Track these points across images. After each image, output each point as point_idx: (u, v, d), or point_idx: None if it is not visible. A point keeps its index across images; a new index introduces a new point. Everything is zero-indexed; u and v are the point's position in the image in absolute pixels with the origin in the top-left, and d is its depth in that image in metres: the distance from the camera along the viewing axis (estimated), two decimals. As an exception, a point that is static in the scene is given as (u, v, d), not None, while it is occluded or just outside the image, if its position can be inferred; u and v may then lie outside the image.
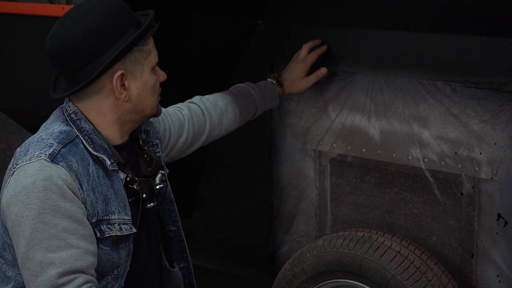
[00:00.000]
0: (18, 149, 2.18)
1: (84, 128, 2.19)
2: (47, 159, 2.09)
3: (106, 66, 2.13)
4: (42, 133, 2.18)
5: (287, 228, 3.19)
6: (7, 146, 5.83)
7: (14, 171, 2.12)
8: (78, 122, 2.19)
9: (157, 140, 2.45)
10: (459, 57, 2.59)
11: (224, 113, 2.72)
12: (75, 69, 2.15)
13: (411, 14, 2.69)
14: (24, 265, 2.08)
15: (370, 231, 2.77)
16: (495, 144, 2.56)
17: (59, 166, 2.09)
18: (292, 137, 3.09)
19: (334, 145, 2.96)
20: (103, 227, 2.17)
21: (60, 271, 2.05)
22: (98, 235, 2.16)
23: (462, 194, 2.67)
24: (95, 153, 2.18)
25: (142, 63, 2.21)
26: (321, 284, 2.78)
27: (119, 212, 2.20)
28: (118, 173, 2.23)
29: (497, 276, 2.63)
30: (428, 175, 2.73)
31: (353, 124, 2.89)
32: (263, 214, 3.25)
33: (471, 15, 2.54)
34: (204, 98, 2.73)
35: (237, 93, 2.78)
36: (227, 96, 2.75)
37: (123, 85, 2.19)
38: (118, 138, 2.27)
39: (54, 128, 2.18)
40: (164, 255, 2.50)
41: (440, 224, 2.74)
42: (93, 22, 2.12)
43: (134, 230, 2.24)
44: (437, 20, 2.64)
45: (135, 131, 2.36)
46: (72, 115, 2.20)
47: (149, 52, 2.22)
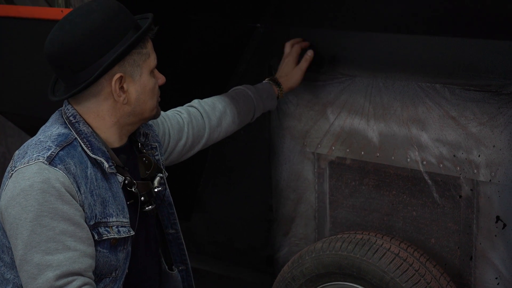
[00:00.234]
0: (17, 152, 2.18)
1: (83, 131, 2.19)
2: (45, 162, 2.09)
3: (105, 69, 2.13)
4: (41, 136, 2.18)
5: (286, 231, 3.19)
6: (6, 149, 5.83)
7: (12, 174, 2.12)
8: (77, 125, 2.20)
9: (156, 143, 2.45)
10: (458, 60, 2.59)
11: (223, 116, 2.73)
12: (74, 72, 2.15)
13: (410, 17, 2.69)
14: (22, 268, 2.08)
15: (369, 234, 2.77)
16: (494, 147, 2.56)
17: (57, 169, 2.09)
18: (291, 140, 3.09)
19: (333, 148, 2.96)
20: (101, 230, 2.17)
21: (58, 274, 2.06)
22: (96, 238, 2.16)
23: (461, 197, 2.67)
24: (93, 156, 2.18)
25: (141, 66, 2.21)
26: (320, 287, 2.78)
27: (117, 215, 2.21)
28: (117, 176, 2.23)
29: (496, 279, 2.63)
30: (427, 178, 2.73)
31: (352, 127, 2.89)
32: (262, 217, 3.25)
33: (470, 18, 2.55)
34: (203, 102, 2.73)
35: (235, 95, 2.79)
36: (225, 99, 2.76)
37: (122, 88, 2.19)
38: (117, 141, 2.27)
39: (53, 131, 2.19)
40: (163, 258, 2.50)
41: (439, 227, 2.74)
42: (92, 25, 2.13)
43: (132, 233, 2.25)
44: (436, 23, 2.64)
45: (134, 134, 2.37)
46: (71, 118, 2.21)
47: (148, 55, 2.23)
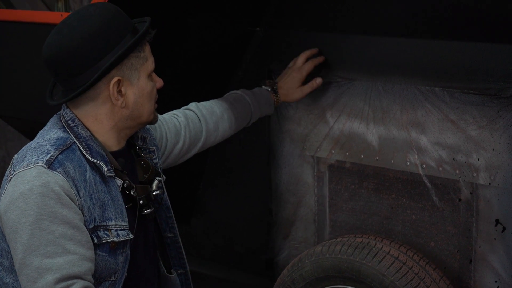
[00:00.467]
0: (16, 156, 2.18)
1: (81, 135, 2.20)
2: (44, 166, 2.09)
3: (103, 72, 2.13)
4: (39, 140, 2.18)
5: (286, 234, 3.19)
6: (6, 153, 5.84)
7: (12, 178, 2.12)
8: (75, 129, 2.20)
9: (154, 147, 2.45)
10: (457, 63, 2.59)
11: (220, 120, 2.73)
12: (72, 76, 2.16)
13: (409, 21, 2.70)
14: (22, 271, 2.08)
15: (369, 237, 2.77)
16: (493, 150, 2.56)
17: (56, 173, 2.09)
18: (291, 144, 3.09)
19: (333, 151, 2.96)
20: (100, 233, 2.17)
21: (58, 277, 2.05)
22: (95, 241, 2.16)
23: (460, 200, 2.67)
24: (92, 160, 2.18)
25: (139, 70, 2.22)
26: (320, 290, 2.79)
27: (116, 218, 2.21)
28: (115, 179, 2.24)
29: (495, 282, 2.63)
30: (426, 181, 2.73)
31: (352, 130, 2.89)
32: (262, 220, 3.25)
33: (469, 21, 2.55)
34: (200, 105, 2.73)
35: (233, 100, 2.79)
36: (223, 103, 2.76)
37: (120, 92, 2.20)
38: (115, 145, 2.27)
39: (51, 135, 2.19)
40: (162, 262, 2.50)
41: (438, 230, 2.74)
42: (90, 29, 2.13)
43: (131, 236, 2.25)
44: (435, 27, 2.64)
45: (132, 138, 2.37)
46: (69, 122, 2.21)
47: (146, 59, 2.23)
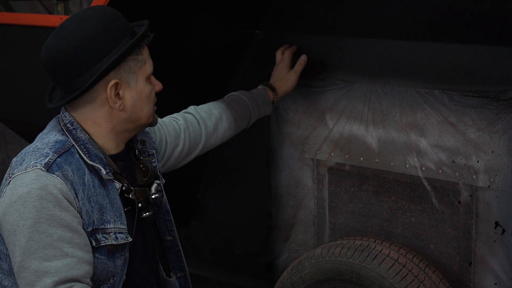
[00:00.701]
0: (14, 159, 2.19)
1: (80, 138, 2.20)
2: (43, 169, 2.09)
3: (100, 75, 2.14)
4: (38, 143, 2.18)
5: (286, 237, 3.19)
6: (6, 156, 5.85)
7: (10, 181, 2.12)
8: (74, 132, 2.20)
9: (153, 150, 2.45)
10: (456, 66, 2.59)
11: (219, 122, 2.73)
12: (70, 79, 2.16)
13: (408, 23, 2.70)
14: (20, 274, 2.08)
15: (368, 240, 2.76)
16: (492, 152, 2.56)
17: (55, 176, 2.10)
18: (290, 146, 3.10)
19: (332, 154, 2.96)
20: (99, 236, 2.17)
21: (56, 280, 2.06)
22: (94, 244, 2.16)
23: (460, 203, 2.67)
24: (91, 163, 2.18)
25: (137, 73, 2.22)
26: (320, 293, 2.78)
27: (115, 221, 2.21)
28: (114, 183, 2.24)
29: (495, 284, 2.63)
30: (426, 184, 2.73)
31: (351, 133, 2.89)
32: (262, 223, 3.25)
33: (468, 24, 2.55)
34: (199, 108, 2.74)
35: (231, 101, 2.80)
36: (221, 105, 2.76)
37: (118, 95, 2.20)
38: (114, 148, 2.28)
39: (50, 138, 2.19)
40: (161, 265, 2.50)
41: (438, 233, 2.74)
42: (87, 32, 2.13)
43: (130, 239, 2.25)
44: (434, 29, 2.64)
45: (131, 141, 2.37)
46: (68, 125, 2.21)
47: (144, 62, 2.23)
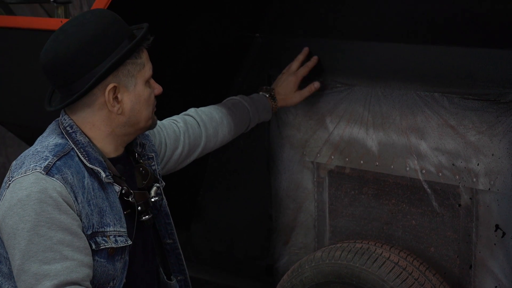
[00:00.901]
0: (14, 162, 2.19)
1: (80, 141, 2.20)
2: (42, 172, 2.10)
3: (98, 79, 2.14)
4: (38, 146, 2.19)
5: (286, 240, 3.19)
6: (6, 159, 5.85)
7: (10, 184, 2.13)
8: (74, 135, 2.20)
9: (153, 154, 2.45)
10: (456, 69, 2.59)
11: (220, 126, 2.73)
12: (68, 82, 2.16)
13: (408, 26, 2.70)
14: (20, 278, 2.08)
15: (369, 243, 2.76)
16: (493, 155, 2.56)
17: (54, 179, 2.10)
18: (290, 149, 3.10)
19: (332, 157, 2.96)
20: (99, 239, 2.17)
21: (55, 283, 2.06)
22: (94, 247, 2.16)
23: (460, 205, 2.67)
24: (90, 166, 2.18)
25: (135, 76, 2.22)
26: (320, 296, 2.78)
27: (115, 224, 2.21)
28: (113, 186, 2.24)
29: (495, 287, 2.63)
30: (426, 187, 2.73)
31: (351, 136, 2.89)
32: (262, 226, 3.25)
33: (468, 27, 2.55)
34: (200, 111, 2.74)
35: (232, 106, 2.79)
36: (222, 109, 2.76)
37: (116, 98, 2.20)
38: (113, 151, 2.28)
39: (50, 141, 2.19)
40: (162, 268, 2.50)
41: (438, 235, 2.74)
42: (86, 36, 2.14)
43: (130, 242, 2.24)
44: (434, 32, 2.64)
45: (131, 144, 2.37)
46: (68, 128, 2.21)
47: (143, 65, 2.23)
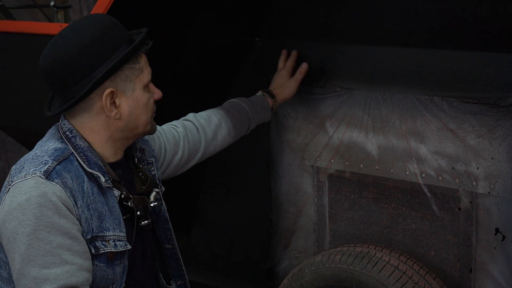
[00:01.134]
0: (14, 167, 2.19)
1: (79, 146, 2.20)
2: (42, 176, 2.10)
3: (95, 84, 2.14)
4: (37, 151, 2.19)
5: (286, 244, 3.19)
6: (6, 164, 5.85)
7: (10, 188, 2.13)
8: (73, 140, 2.20)
9: (153, 159, 2.45)
10: (456, 73, 2.60)
11: (218, 129, 2.73)
12: (66, 87, 2.16)
13: (408, 30, 2.70)
14: (19, 282, 2.08)
15: (369, 247, 2.76)
16: (492, 159, 2.56)
17: (54, 183, 2.10)
18: (290, 153, 3.10)
19: (332, 161, 2.96)
20: (98, 244, 2.17)
21: (55, 287, 2.06)
22: (93, 252, 2.16)
23: (460, 209, 2.67)
24: (90, 170, 2.18)
25: (133, 81, 2.21)
26: (320, 300, 2.78)
27: (114, 229, 2.21)
28: (113, 190, 2.24)
29: (496, 291, 2.63)
30: (426, 190, 2.73)
31: (351, 140, 2.90)
32: (262, 230, 3.25)
33: (467, 31, 2.55)
34: (198, 115, 2.74)
35: (230, 108, 2.80)
36: (220, 112, 2.77)
37: (114, 103, 2.20)
38: (112, 156, 2.28)
39: (49, 146, 2.19)
40: (161, 273, 2.50)
41: (438, 239, 2.74)
42: (83, 40, 2.14)
43: (129, 247, 2.24)
44: (434, 36, 2.65)
45: (130, 149, 2.37)
46: (67, 133, 2.21)
47: (141, 70, 2.23)
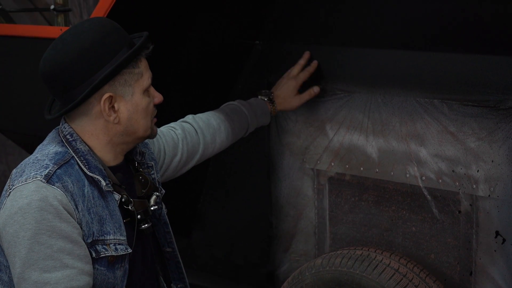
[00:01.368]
0: (14, 170, 2.19)
1: (80, 149, 2.20)
2: (43, 180, 2.10)
3: (93, 89, 2.13)
4: (38, 154, 2.19)
5: (286, 247, 3.19)
6: (7, 167, 5.85)
7: (10, 192, 2.12)
8: (74, 143, 2.20)
9: (152, 162, 2.45)
10: (456, 75, 2.60)
11: (217, 132, 2.73)
12: (66, 90, 2.16)
13: (408, 33, 2.70)
14: (20, 286, 2.08)
15: (369, 249, 2.76)
16: (492, 162, 2.56)
17: (55, 187, 2.10)
18: (290, 156, 3.10)
19: (332, 164, 2.96)
20: (99, 248, 2.17)
21: (56, 291, 2.06)
22: (94, 255, 2.16)
23: (460, 212, 2.67)
24: (90, 174, 2.18)
25: (133, 86, 2.21)
26: (321, 303, 2.78)
27: (115, 233, 2.21)
28: (113, 194, 2.23)
29: (496, 294, 2.63)
30: (426, 193, 2.73)
31: (351, 143, 2.90)
32: (262, 233, 3.25)
33: (467, 34, 2.55)
34: (197, 117, 2.74)
35: (229, 111, 2.80)
36: (220, 115, 2.76)
37: (113, 107, 2.19)
38: (112, 159, 2.27)
39: (50, 149, 2.19)
40: (162, 276, 2.50)
41: (439, 242, 2.74)
42: (83, 44, 2.14)
43: (130, 250, 2.24)
44: (434, 39, 2.65)
45: (131, 153, 2.37)
46: (68, 136, 2.21)
47: (141, 75, 2.22)
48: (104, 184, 2.20)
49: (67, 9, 3.52)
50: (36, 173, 2.11)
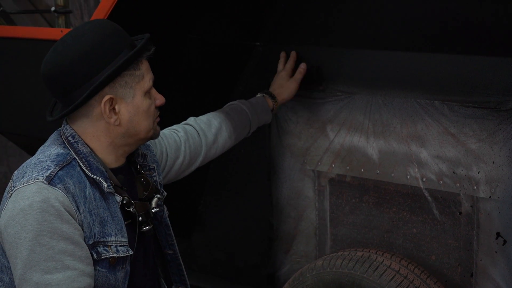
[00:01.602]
0: (16, 172, 2.19)
1: (81, 151, 2.20)
2: (45, 182, 2.09)
3: (93, 90, 2.13)
4: (40, 156, 2.19)
5: (287, 249, 3.19)
6: (8, 169, 5.86)
7: (12, 194, 2.12)
8: (75, 145, 2.20)
9: (154, 164, 2.44)
10: (456, 77, 2.60)
11: (219, 132, 2.73)
12: (67, 92, 2.16)
13: (409, 34, 2.70)
14: (21, 287, 2.08)
15: (370, 251, 2.76)
16: (493, 163, 2.56)
17: (56, 188, 2.10)
18: (291, 158, 3.10)
19: (333, 165, 2.96)
20: (100, 249, 2.17)
21: (57, 293, 2.06)
22: (95, 257, 2.16)
23: (461, 213, 2.67)
24: (92, 176, 2.18)
25: (134, 88, 2.20)
26: (321, 304, 2.78)
27: (116, 234, 2.21)
28: (115, 196, 2.23)
29: (497, 295, 2.63)
30: (427, 195, 2.73)
31: (352, 144, 2.90)
32: (263, 235, 3.25)
33: (468, 35, 2.56)
34: (198, 119, 2.74)
35: (230, 111, 2.80)
36: (220, 115, 2.77)
37: (114, 109, 2.19)
38: (114, 161, 2.27)
39: (52, 151, 2.19)
40: (163, 278, 2.50)
41: (439, 243, 2.74)
42: (84, 46, 2.14)
43: (131, 252, 2.24)
44: (434, 40, 2.65)
45: (132, 155, 2.36)
46: (70, 138, 2.21)
47: (142, 77, 2.21)
48: (106, 186, 2.20)
49: (68, 11, 3.52)
50: (38, 175, 2.11)
